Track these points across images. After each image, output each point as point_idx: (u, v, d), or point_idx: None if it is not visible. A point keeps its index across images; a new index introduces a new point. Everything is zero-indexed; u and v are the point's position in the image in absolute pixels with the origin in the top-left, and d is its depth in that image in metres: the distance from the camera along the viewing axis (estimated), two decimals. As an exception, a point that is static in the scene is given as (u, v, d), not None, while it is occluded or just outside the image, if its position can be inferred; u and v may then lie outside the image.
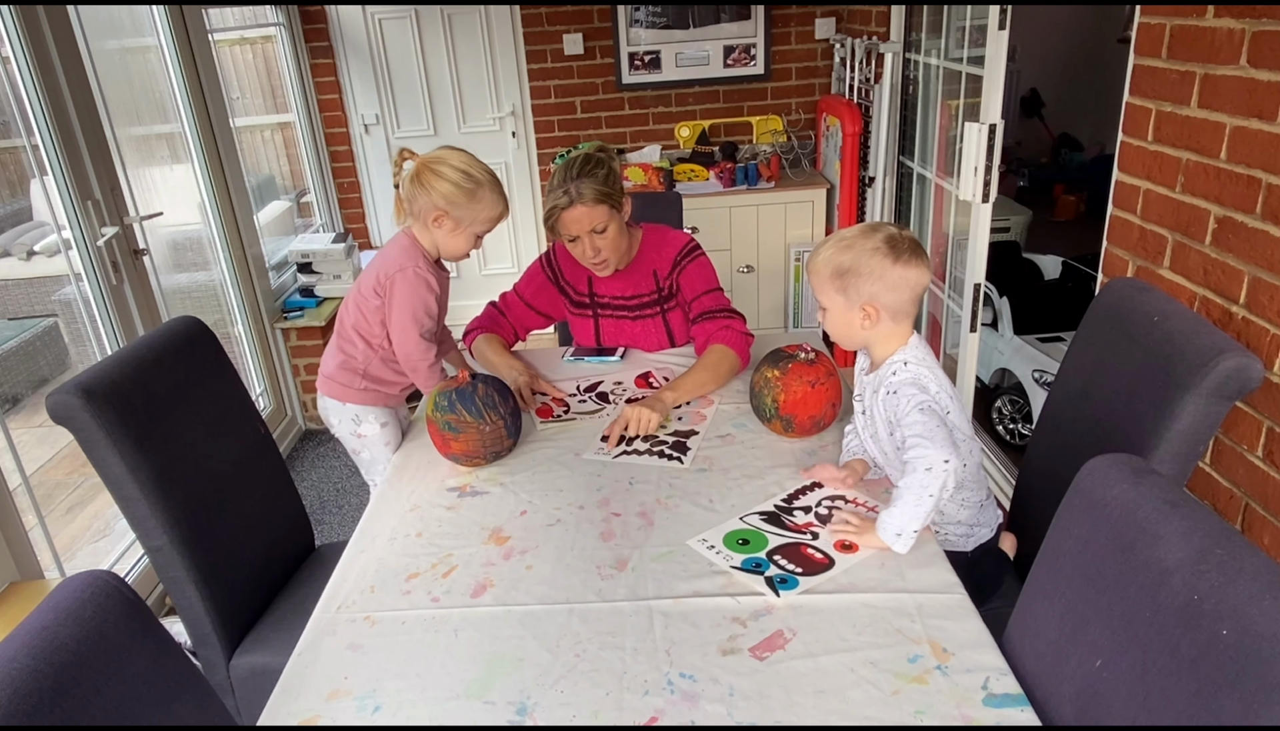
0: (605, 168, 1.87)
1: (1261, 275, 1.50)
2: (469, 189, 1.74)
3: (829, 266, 1.41)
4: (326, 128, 4.28)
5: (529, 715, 1.09)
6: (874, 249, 1.38)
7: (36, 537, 2.18)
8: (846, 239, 1.42)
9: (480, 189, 1.76)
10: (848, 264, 1.39)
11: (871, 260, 1.38)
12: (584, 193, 1.84)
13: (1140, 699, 0.93)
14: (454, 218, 1.76)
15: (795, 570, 1.33)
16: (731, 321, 2.00)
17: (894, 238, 1.40)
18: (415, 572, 1.39)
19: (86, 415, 1.40)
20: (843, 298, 1.41)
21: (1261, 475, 1.55)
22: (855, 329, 1.44)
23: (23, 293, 3.38)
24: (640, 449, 1.71)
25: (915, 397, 1.38)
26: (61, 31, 2.36)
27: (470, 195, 1.75)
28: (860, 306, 1.40)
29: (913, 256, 1.39)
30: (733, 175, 3.85)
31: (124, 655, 0.97)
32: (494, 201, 1.79)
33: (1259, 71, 1.47)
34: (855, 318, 1.42)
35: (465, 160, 1.77)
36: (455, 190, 1.74)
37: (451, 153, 1.78)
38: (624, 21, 4.06)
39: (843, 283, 1.40)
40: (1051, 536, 1.14)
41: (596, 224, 1.88)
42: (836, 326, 1.46)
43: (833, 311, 1.45)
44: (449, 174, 1.74)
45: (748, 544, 1.41)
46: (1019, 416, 3.03)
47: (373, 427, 1.91)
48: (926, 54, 3.17)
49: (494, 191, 1.79)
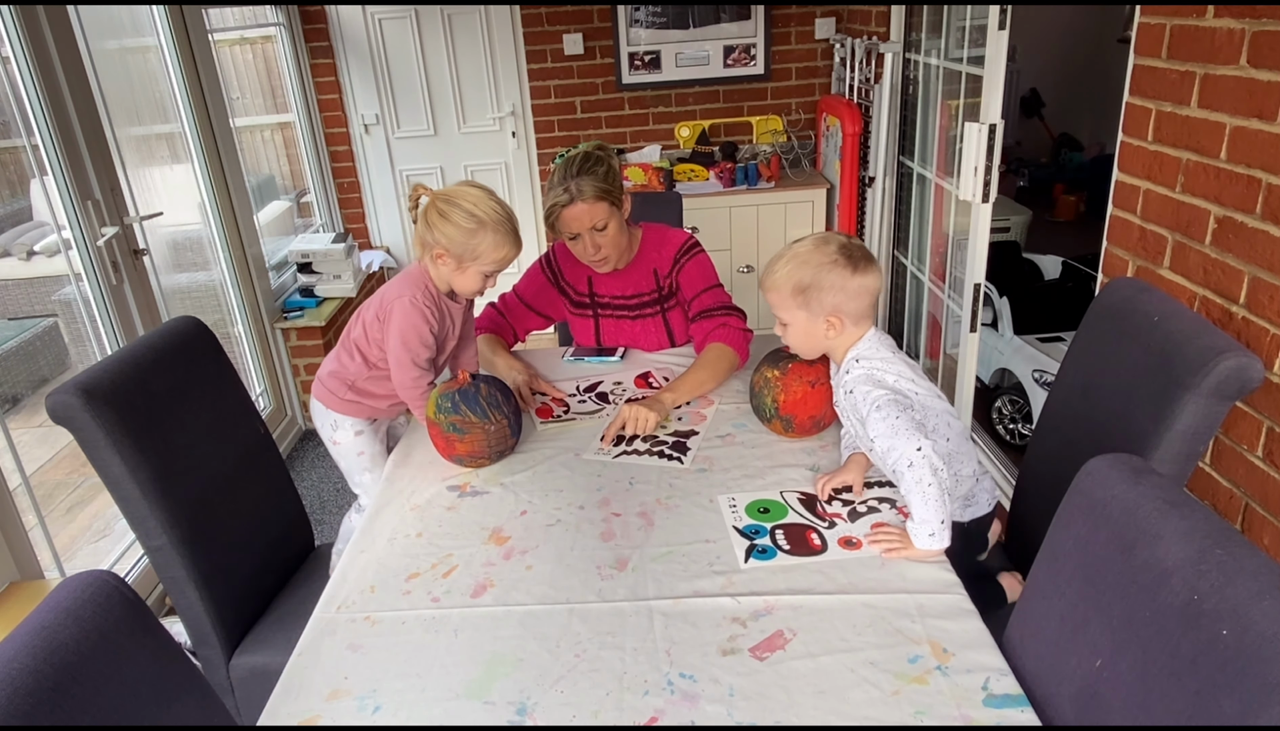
0: (605, 165, 1.87)
1: (1261, 275, 1.50)
2: (469, 229, 1.69)
3: (789, 283, 1.43)
4: (326, 128, 4.28)
5: (529, 715, 1.09)
6: (832, 262, 1.41)
7: (36, 537, 2.18)
8: (801, 254, 1.43)
9: (482, 230, 1.70)
10: (808, 279, 1.41)
11: (831, 273, 1.41)
12: (584, 190, 1.84)
13: (1140, 699, 0.93)
14: (454, 256, 1.72)
15: (784, 547, 1.37)
16: (729, 319, 2.00)
17: (847, 247, 1.43)
18: (415, 572, 1.39)
19: (86, 415, 1.40)
20: (805, 312, 1.44)
21: (1261, 475, 1.55)
22: (819, 339, 1.48)
23: (23, 292, 3.38)
24: (640, 449, 1.71)
25: (870, 395, 1.39)
26: (61, 31, 2.36)
27: (471, 235, 1.69)
28: (824, 318, 1.44)
29: (868, 264, 1.43)
30: (733, 175, 3.85)
31: (124, 655, 0.97)
32: (497, 243, 1.71)
33: (1259, 71, 1.47)
34: (819, 329, 1.45)
35: (474, 198, 1.71)
36: (455, 230, 1.69)
37: (465, 190, 1.72)
38: (624, 21, 4.06)
39: (805, 298, 1.42)
40: (1051, 536, 1.14)
41: (597, 221, 1.88)
42: (799, 339, 1.50)
43: (795, 326, 1.47)
44: (453, 215, 1.69)
45: (767, 513, 1.47)
46: (1019, 416, 3.03)
47: (346, 436, 1.93)
48: (926, 54, 3.17)
49: (499, 233, 1.71)
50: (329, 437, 1.95)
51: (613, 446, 1.72)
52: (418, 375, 1.79)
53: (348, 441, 1.92)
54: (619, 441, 1.74)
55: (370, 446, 1.95)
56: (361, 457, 1.94)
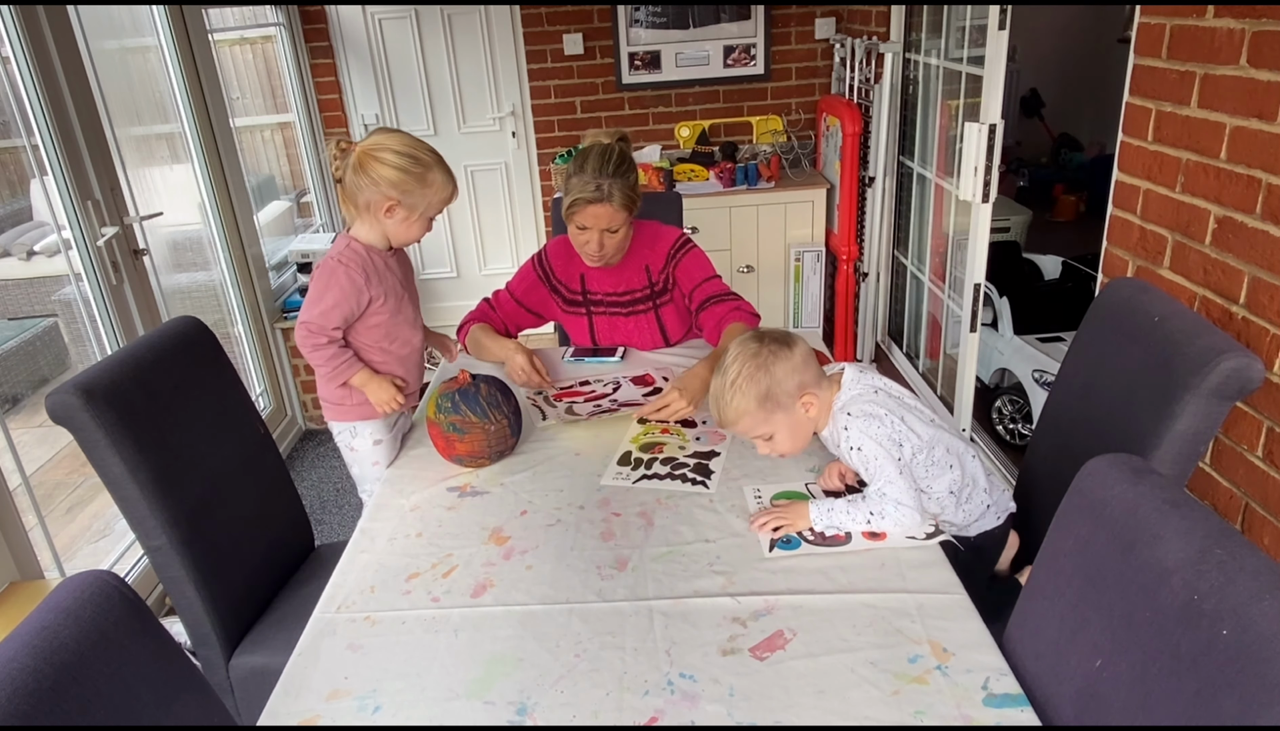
0: (635, 173, 1.91)
1: (1261, 275, 1.50)
2: (418, 173, 1.63)
3: (751, 401, 1.39)
4: (326, 128, 4.27)
5: (529, 715, 1.09)
6: (770, 354, 1.39)
7: (36, 537, 2.18)
8: (739, 372, 1.39)
9: (430, 172, 1.65)
10: (765, 384, 1.38)
11: (777, 364, 1.38)
12: (614, 195, 1.86)
13: (1140, 699, 0.93)
14: (406, 205, 1.66)
15: (809, 537, 1.40)
16: (739, 303, 2.02)
17: (764, 336, 1.42)
18: (415, 572, 1.39)
19: (86, 415, 1.40)
20: (782, 413, 1.41)
21: (1261, 475, 1.55)
22: (807, 425, 1.45)
23: (23, 292, 3.38)
24: (661, 473, 1.64)
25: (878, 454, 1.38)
26: (61, 31, 2.36)
27: (420, 179, 1.64)
28: (799, 402, 1.41)
29: (790, 336, 1.43)
30: (733, 175, 3.85)
31: (124, 655, 0.97)
32: (444, 182, 1.67)
33: (1259, 71, 1.47)
34: (801, 416, 1.43)
35: (408, 142, 1.65)
36: (403, 177, 1.62)
37: (390, 136, 1.65)
38: (624, 21, 4.06)
39: (774, 401, 1.39)
40: (1051, 536, 1.14)
41: (614, 224, 1.91)
42: (789, 438, 1.45)
43: (781, 430, 1.43)
44: (393, 160, 1.62)
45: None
46: (1019, 416, 3.03)
47: (364, 443, 1.84)
48: (926, 54, 3.17)
49: (443, 171, 1.67)
50: (347, 445, 1.88)
51: (632, 471, 1.65)
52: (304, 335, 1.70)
53: (365, 449, 1.85)
54: (638, 465, 1.67)
55: (387, 456, 1.85)
56: (376, 467, 1.85)
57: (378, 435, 1.84)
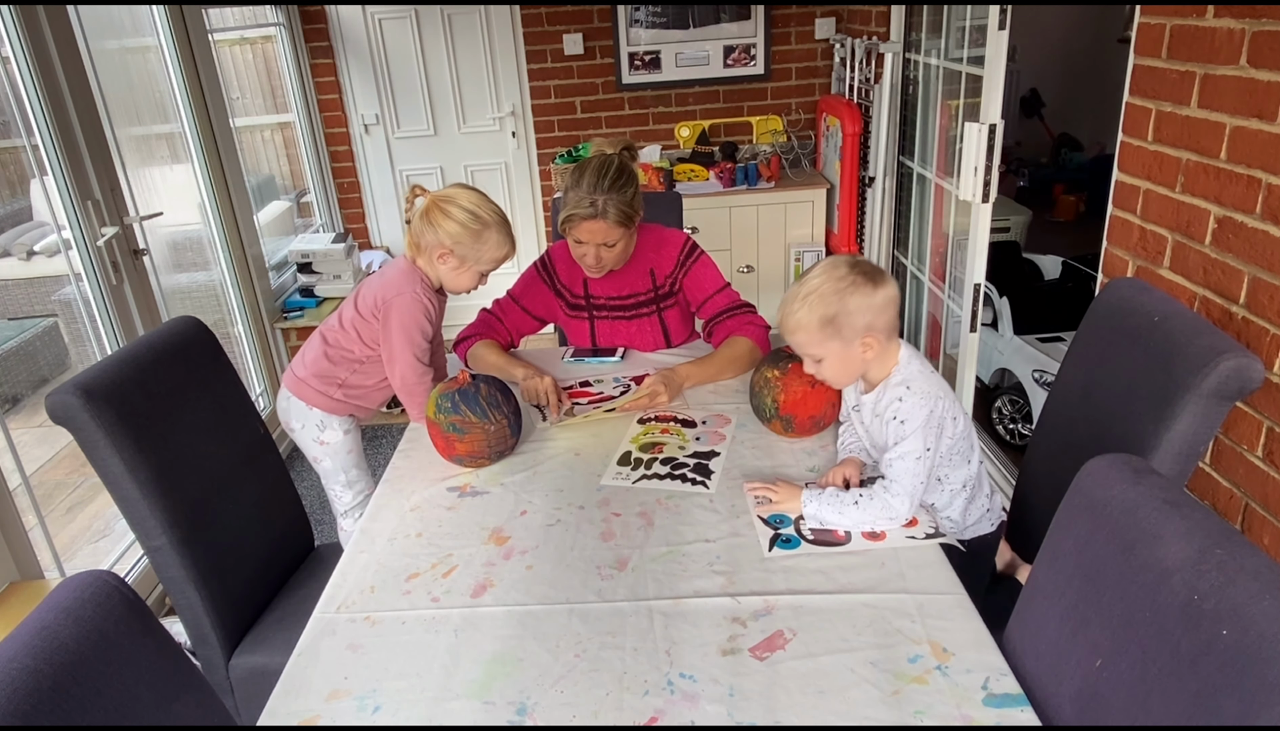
0: (634, 186, 1.89)
1: (1261, 275, 1.50)
2: (475, 230, 1.77)
3: (814, 319, 1.39)
4: (326, 128, 4.28)
5: (529, 715, 1.09)
6: (851, 284, 1.38)
7: (36, 537, 2.18)
8: (817, 288, 1.39)
9: (486, 230, 1.78)
10: (834, 309, 1.38)
11: (854, 296, 1.38)
12: (609, 211, 1.85)
13: (1140, 699, 0.93)
14: (459, 256, 1.79)
15: (808, 537, 1.40)
16: (753, 316, 2.03)
17: (858, 266, 1.41)
18: (415, 572, 1.39)
19: (86, 415, 1.40)
20: (838, 341, 1.41)
21: (1261, 475, 1.55)
22: (857, 365, 1.44)
23: (23, 292, 3.38)
24: (661, 472, 1.64)
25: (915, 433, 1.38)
26: (61, 31, 2.36)
27: (476, 236, 1.77)
28: (859, 341, 1.40)
29: (883, 276, 1.41)
30: (733, 175, 3.85)
31: (124, 655, 0.97)
32: (499, 243, 1.80)
33: (1259, 71, 1.47)
34: (856, 353, 1.42)
35: (475, 200, 1.78)
36: (462, 230, 1.76)
37: (462, 192, 1.79)
38: (624, 21, 4.06)
39: (835, 327, 1.39)
40: (1051, 536, 1.14)
41: (609, 239, 1.90)
42: (836, 370, 1.45)
43: (831, 358, 1.43)
44: (456, 214, 1.76)
45: None
46: (1019, 416, 3.03)
47: (335, 435, 1.90)
48: (926, 54, 3.17)
49: (500, 233, 1.80)
50: (314, 439, 1.93)
51: (631, 471, 1.65)
52: (422, 371, 1.80)
53: (337, 441, 1.91)
54: (638, 465, 1.67)
55: (357, 446, 1.97)
56: (350, 456, 1.95)
57: (347, 426, 1.94)
